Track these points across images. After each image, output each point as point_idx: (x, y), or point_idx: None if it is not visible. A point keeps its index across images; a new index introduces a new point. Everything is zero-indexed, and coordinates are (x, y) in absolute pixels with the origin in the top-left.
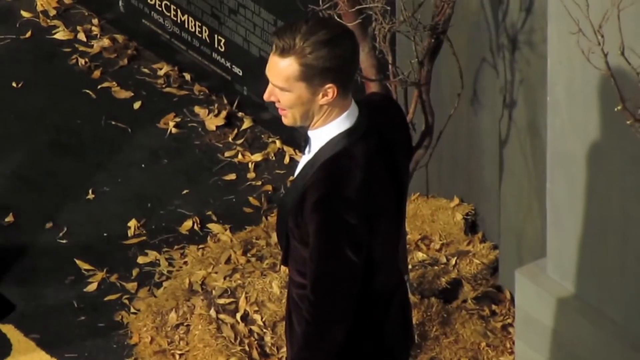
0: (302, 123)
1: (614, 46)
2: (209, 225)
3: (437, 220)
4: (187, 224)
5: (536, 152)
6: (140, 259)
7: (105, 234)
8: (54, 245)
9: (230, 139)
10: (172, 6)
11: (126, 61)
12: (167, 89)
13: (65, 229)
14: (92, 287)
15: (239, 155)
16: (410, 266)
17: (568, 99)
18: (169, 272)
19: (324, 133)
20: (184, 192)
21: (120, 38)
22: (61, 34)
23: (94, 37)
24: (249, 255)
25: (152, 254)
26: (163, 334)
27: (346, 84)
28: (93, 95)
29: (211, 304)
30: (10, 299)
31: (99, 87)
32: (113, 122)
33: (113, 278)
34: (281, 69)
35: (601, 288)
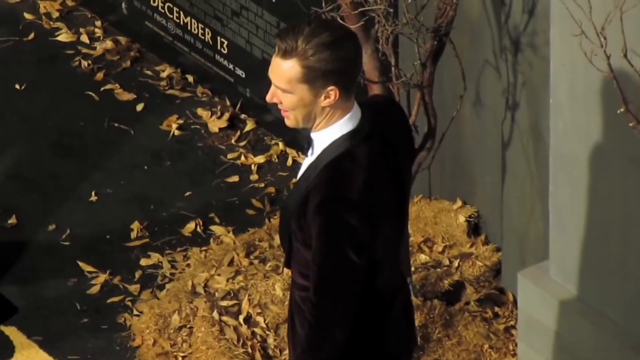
0: (305, 125)
1: (617, 48)
2: (212, 227)
3: (440, 222)
4: (190, 226)
5: (539, 155)
6: (142, 261)
7: (107, 236)
8: (57, 247)
9: (233, 141)
10: (175, 8)
11: (129, 63)
12: (170, 91)
13: (68, 231)
14: (95, 289)
15: (242, 157)
16: (413, 268)
17: (570, 101)
18: (172, 274)
19: (327, 135)
20: (187, 194)
21: (123, 40)
22: (64, 36)
23: (97, 39)
24: (252, 257)
25: (155, 256)
26: (166, 336)
27: (348, 86)
28: (96, 97)
29: (214, 306)
30: (12, 301)
31: (102, 89)
32: (116, 124)
33: (116, 280)
34: (283, 71)
35: (603, 290)
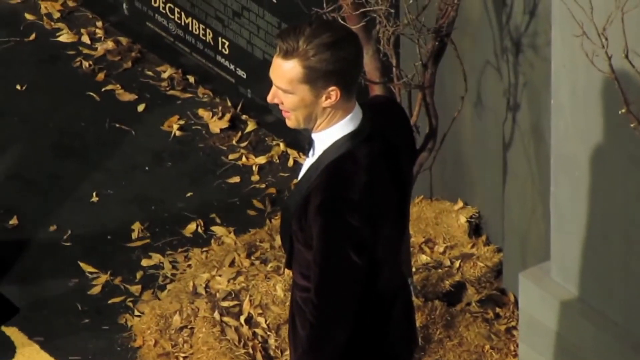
0: (306, 125)
1: (618, 49)
2: (213, 227)
3: (441, 223)
4: (191, 227)
5: (540, 155)
6: (144, 262)
7: (109, 237)
8: (58, 247)
9: (234, 142)
10: (176, 9)
11: (130, 64)
12: (171, 92)
13: (69, 232)
14: (96, 290)
15: (243, 157)
16: (414, 269)
17: (572, 102)
18: (173, 275)
19: (328, 136)
20: (188, 195)
21: (124, 41)
22: (65, 37)
23: (98, 40)
24: (253, 258)
25: (156, 257)
26: (167, 337)
27: (349, 87)
28: (97, 97)
29: (215, 307)
30: (14, 301)
31: (103, 90)
32: (117, 125)
33: (117, 281)
34: (284, 71)
35: (604, 291)
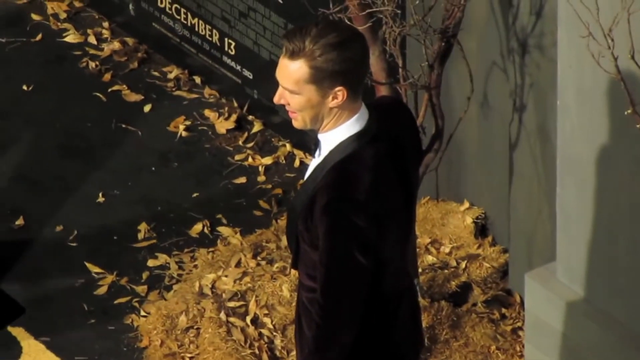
0: (312, 126)
1: (624, 50)
2: (219, 228)
3: (447, 223)
4: (197, 227)
5: (546, 156)
6: (150, 262)
7: (115, 237)
8: (64, 248)
9: (240, 142)
10: (183, 9)
11: (136, 64)
12: (177, 92)
13: (75, 232)
14: (102, 290)
15: (249, 158)
16: (420, 269)
17: (578, 103)
18: (179, 276)
19: (334, 136)
20: (194, 195)
21: (130, 41)
22: (71, 37)
23: (105, 40)
24: (259, 258)
25: (162, 257)
26: (173, 337)
27: (356, 87)
28: (103, 98)
29: (221, 307)
30: (20, 302)
31: (109, 90)
32: (123, 125)
33: (123, 281)
34: (291, 72)
35: (610, 292)
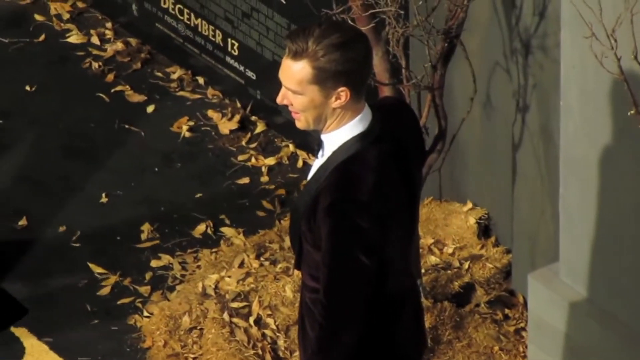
0: (315, 126)
1: (627, 50)
2: (222, 229)
3: (450, 224)
4: (200, 228)
5: (549, 156)
6: (153, 263)
7: (118, 238)
8: (67, 248)
9: (243, 143)
10: (186, 10)
11: (139, 65)
12: (181, 93)
13: (78, 233)
14: (105, 291)
15: (252, 159)
16: (423, 270)
17: (581, 103)
18: (182, 276)
19: (337, 137)
20: (197, 196)
21: (133, 42)
22: (75, 38)
23: (108, 41)
24: (262, 259)
25: (166, 258)
26: (176, 338)
27: (359, 88)
28: (106, 98)
29: (224, 308)
30: (23, 302)
31: (112, 91)
32: (126, 126)
33: (126, 282)
34: (294, 72)
35: (613, 292)
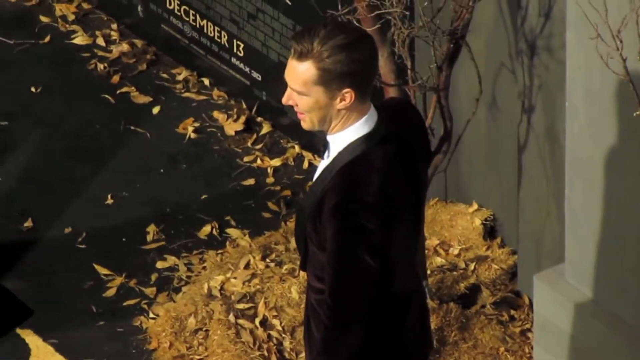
0: (320, 127)
1: (633, 51)
2: (228, 230)
3: (456, 225)
4: (206, 229)
5: (555, 158)
6: (159, 264)
7: (124, 239)
8: (73, 250)
9: (249, 144)
10: (191, 11)
11: (145, 66)
12: (186, 94)
13: (84, 234)
14: (111, 292)
15: (258, 160)
16: (429, 271)
17: (586, 104)
18: (188, 277)
19: (343, 138)
20: (203, 197)
21: (139, 43)
22: (80, 39)
23: (113, 42)
24: (268, 260)
25: (171, 259)
26: (182, 339)
27: (364, 89)
28: (112, 100)
29: (230, 309)
30: (28, 304)
31: (118, 92)
32: (132, 127)
33: (132, 283)
34: (299, 73)
35: (619, 293)
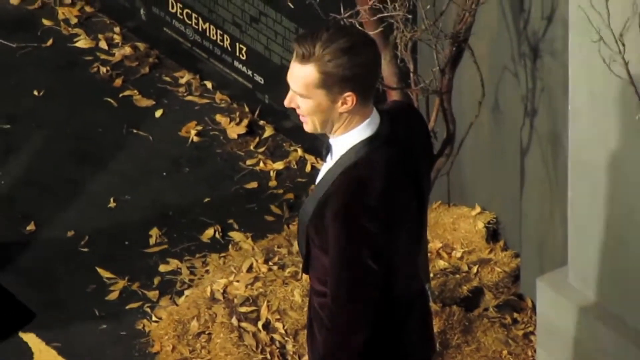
0: (322, 130)
1: (635, 54)
2: (231, 233)
3: (459, 228)
4: (209, 232)
5: (557, 161)
6: (161, 267)
7: (126, 242)
8: (75, 253)
9: (251, 147)
10: (194, 14)
11: (147, 69)
12: (189, 97)
13: (86, 238)
14: (114, 296)
15: (261, 163)
16: (431, 274)
17: (589, 107)
18: (191, 281)
19: (345, 141)
20: (206, 201)
21: (141, 46)
22: (82, 42)
23: (116, 46)
24: (271, 263)
25: (174, 262)
26: (185, 343)
27: (366, 93)
28: (114, 103)
29: (233, 313)
30: (31, 307)
31: (121, 96)
32: (134, 131)
33: (134, 286)
34: (301, 76)
35: (622, 296)
